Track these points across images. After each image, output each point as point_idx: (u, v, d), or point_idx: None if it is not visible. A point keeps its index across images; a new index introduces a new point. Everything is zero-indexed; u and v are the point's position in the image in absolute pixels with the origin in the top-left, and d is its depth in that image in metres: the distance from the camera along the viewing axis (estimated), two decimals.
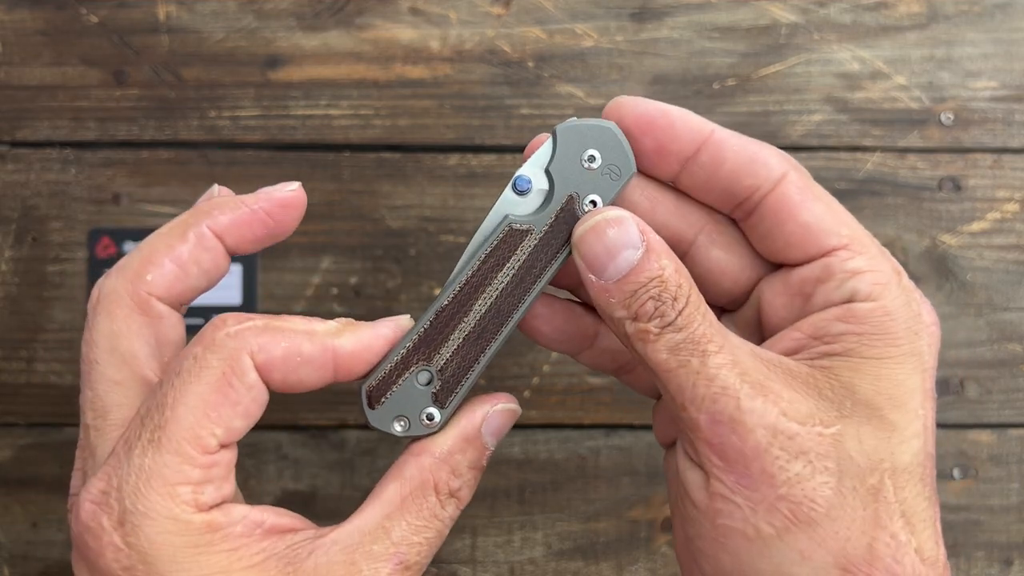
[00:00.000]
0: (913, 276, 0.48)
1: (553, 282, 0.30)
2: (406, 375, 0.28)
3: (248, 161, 0.48)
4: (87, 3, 0.48)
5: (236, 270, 0.48)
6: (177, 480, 0.25)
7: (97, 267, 0.48)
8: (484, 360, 0.29)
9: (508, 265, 0.29)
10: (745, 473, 0.25)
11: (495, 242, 0.28)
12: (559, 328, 0.31)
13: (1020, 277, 0.48)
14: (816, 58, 0.48)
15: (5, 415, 0.48)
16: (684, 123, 0.28)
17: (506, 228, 0.28)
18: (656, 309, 0.26)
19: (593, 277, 0.27)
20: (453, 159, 0.48)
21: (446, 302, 0.28)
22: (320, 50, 0.48)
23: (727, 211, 0.30)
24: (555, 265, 0.29)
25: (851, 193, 0.48)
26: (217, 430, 0.26)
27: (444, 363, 0.28)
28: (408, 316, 0.29)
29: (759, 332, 0.30)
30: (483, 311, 0.29)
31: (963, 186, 0.48)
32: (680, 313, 0.26)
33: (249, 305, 0.48)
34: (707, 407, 0.26)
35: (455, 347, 0.28)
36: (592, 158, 0.28)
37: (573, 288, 0.32)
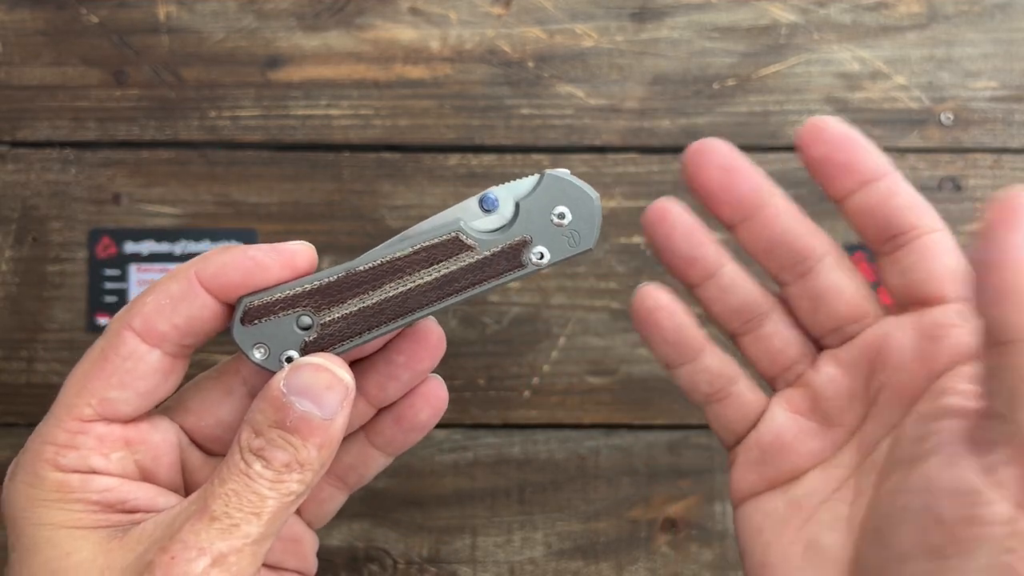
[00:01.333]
0: None
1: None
2: (290, 312, 0.28)
3: (248, 161, 0.48)
4: (87, 3, 0.48)
5: None
6: (45, 440, 0.27)
7: (97, 267, 0.48)
8: (367, 337, 0.28)
9: (435, 267, 0.28)
10: None
11: (436, 240, 0.28)
12: (672, 327, 0.31)
13: None
14: (816, 58, 0.48)
15: (5, 415, 0.48)
16: (876, 153, 0.30)
17: (453, 233, 0.28)
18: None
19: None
20: (453, 159, 0.48)
21: (362, 268, 0.28)
22: (320, 50, 0.48)
23: (876, 238, 0.30)
24: (475, 291, 0.29)
25: None
26: (92, 400, 0.27)
27: (329, 320, 0.28)
28: (304, 243, 0.29)
29: (868, 372, 0.30)
30: (390, 295, 0.28)
31: (963, 186, 0.48)
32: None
33: None
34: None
35: (347, 312, 0.28)
36: (562, 215, 0.28)
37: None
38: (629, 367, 0.48)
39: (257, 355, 0.28)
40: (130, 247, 0.48)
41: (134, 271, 0.48)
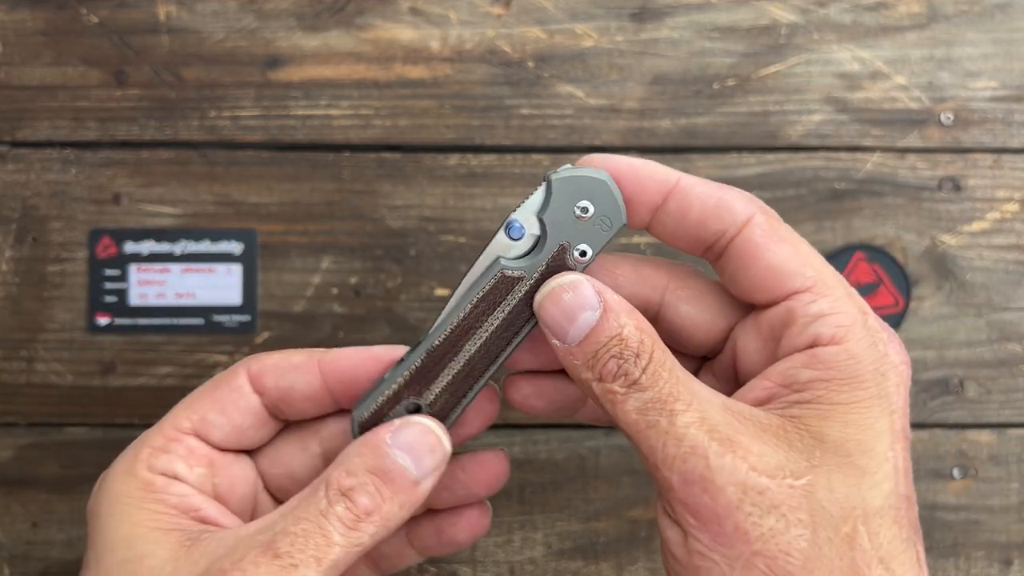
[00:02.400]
0: (913, 276, 0.48)
1: (541, 361, 0.31)
2: (396, 407, 0.30)
3: (248, 161, 0.48)
4: (87, 3, 0.48)
5: (236, 270, 0.48)
6: (144, 443, 0.30)
7: (97, 267, 0.48)
8: (471, 395, 0.30)
9: (499, 309, 0.29)
10: (719, 531, 0.25)
11: (487, 287, 0.29)
12: (551, 399, 0.32)
13: (1020, 277, 0.48)
14: (816, 58, 0.48)
15: (5, 415, 0.48)
16: (650, 174, 0.29)
17: (498, 274, 0.29)
18: (619, 368, 0.27)
19: (557, 342, 0.28)
20: (453, 159, 0.48)
21: (437, 343, 0.29)
22: (320, 50, 0.48)
23: (699, 255, 0.30)
24: None
25: (851, 193, 0.48)
26: (193, 416, 0.31)
27: (433, 398, 0.30)
28: (402, 347, 0.31)
29: (736, 379, 0.30)
30: (472, 352, 0.30)
31: (963, 186, 0.48)
32: (644, 371, 0.27)
33: (249, 305, 0.48)
34: (678, 467, 0.26)
35: (444, 384, 0.30)
36: (585, 209, 0.29)
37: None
38: None
39: None
40: (130, 247, 0.48)
41: (134, 271, 0.48)
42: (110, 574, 0.27)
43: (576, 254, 0.29)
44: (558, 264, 0.29)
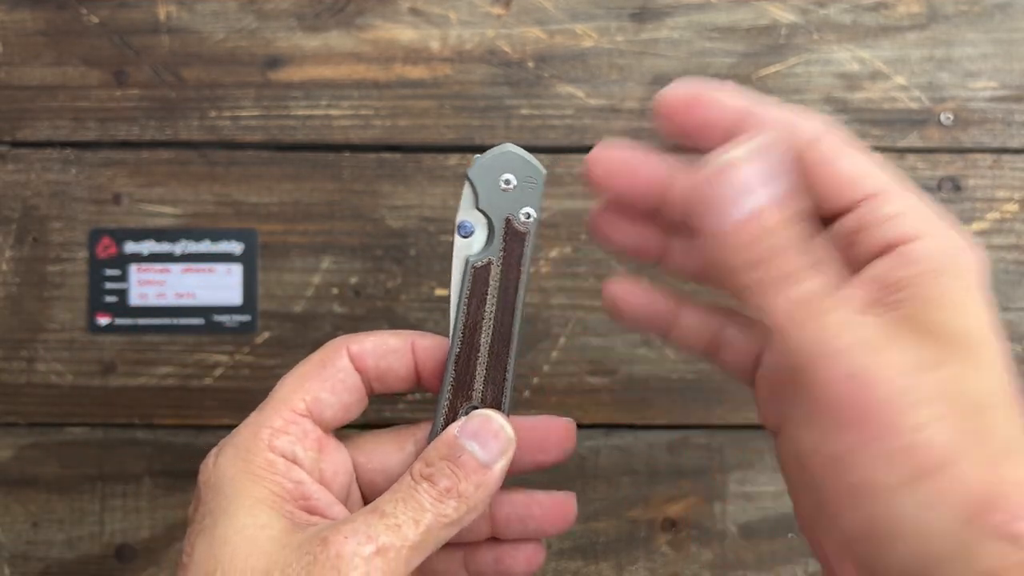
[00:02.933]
0: None
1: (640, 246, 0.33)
2: (458, 419, 0.33)
3: (248, 161, 0.48)
4: (87, 3, 0.48)
5: (236, 270, 0.48)
6: (262, 424, 0.32)
7: (98, 267, 0.48)
8: (509, 375, 0.33)
9: (488, 297, 0.33)
10: (869, 427, 0.25)
11: (468, 284, 0.33)
12: (643, 304, 0.33)
13: (1019, 277, 0.48)
14: (816, 58, 0.48)
15: (6, 415, 0.48)
16: (730, 98, 0.29)
17: (471, 270, 0.32)
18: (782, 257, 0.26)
19: (715, 221, 0.27)
20: (453, 159, 0.48)
21: (458, 350, 0.33)
22: (320, 50, 0.48)
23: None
24: (524, 274, 0.33)
25: None
26: (306, 396, 0.32)
27: (481, 395, 0.33)
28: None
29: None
30: (488, 341, 0.33)
31: (963, 186, 0.48)
32: (804, 263, 0.26)
33: (249, 305, 0.48)
34: (831, 364, 0.26)
35: (482, 379, 0.33)
36: (507, 181, 0.32)
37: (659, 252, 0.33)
38: (629, 367, 0.48)
39: None
40: (130, 247, 0.48)
41: (134, 271, 0.48)
42: (227, 540, 0.29)
43: (521, 218, 0.32)
44: (512, 234, 0.32)
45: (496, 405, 0.33)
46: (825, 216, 0.29)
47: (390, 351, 0.33)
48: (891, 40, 0.48)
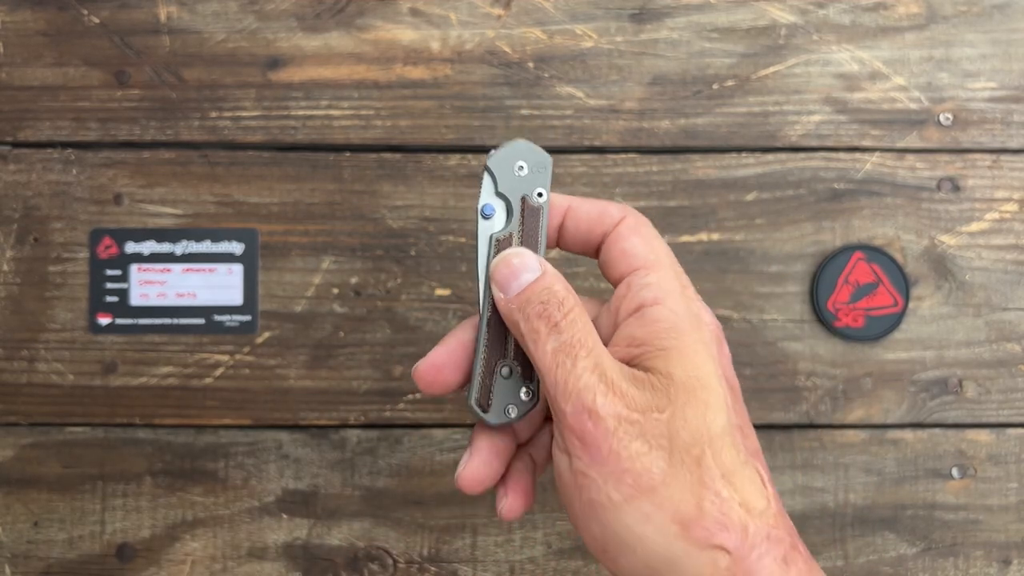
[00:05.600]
0: (912, 276, 0.48)
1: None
2: (495, 377, 0.35)
3: (249, 161, 0.48)
4: (88, 4, 0.49)
5: (237, 270, 0.48)
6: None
7: (98, 267, 0.48)
8: None
9: None
10: (597, 453, 0.32)
11: (494, 256, 0.36)
12: (529, 490, 0.37)
13: (1018, 277, 0.48)
14: (815, 59, 0.49)
15: (7, 415, 0.48)
16: (550, 205, 0.36)
17: (495, 243, 0.36)
18: (544, 311, 0.33)
19: (501, 295, 0.34)
20: (453, 159, 0.48)
21: (490, 313, 0.35)
22: (321, 51, 0.48)
23: (592, 257, 0.37)
24: (542, 244, 0.36)
25: (850, 193, 0.48)
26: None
27: (514, 352, 0.35)
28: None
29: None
30: None
31: (962, 186, 0.48)
32: (564, 317, 0.33)
33: (250, 305, 0.48)
34: (572, 399, 0.32)
35: (513, 340, 0.35)
36: (521, 167, 0.36)
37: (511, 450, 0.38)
38: None
39: (513, 414, 0.35)
40: (131, 247, 0.48)
41: (135, 271, 0.48)
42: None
43: (535, 196, 0.36)
44: (529, 211, 0.36)
45: (528, 361, 0.35)
46: (614, 283, 0.36)
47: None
48: (890, 41, 0.49)
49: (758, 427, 0.48)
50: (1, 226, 0.48)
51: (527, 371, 0.35)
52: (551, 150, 0.48)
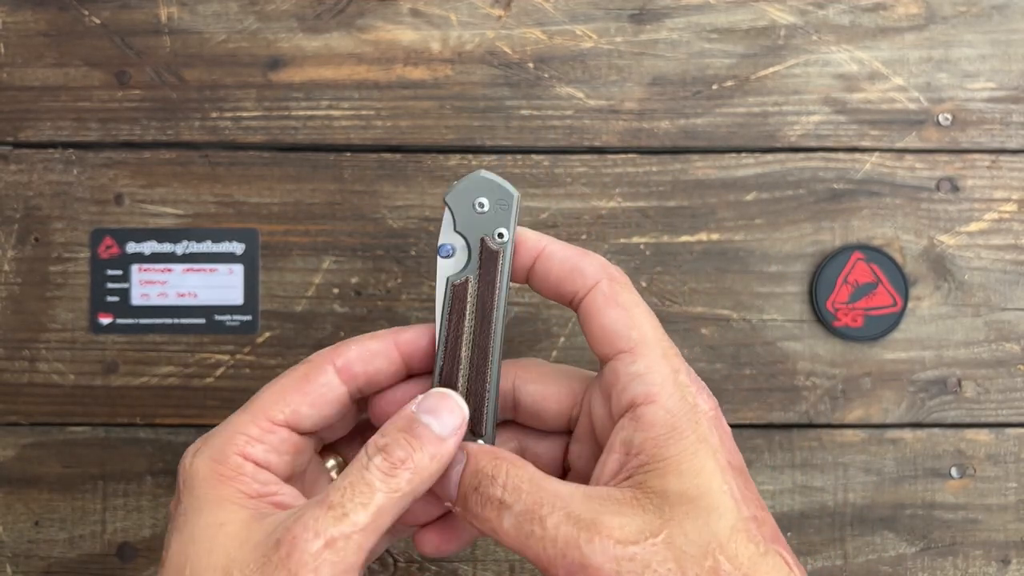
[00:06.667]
0: (911, 276, 0.48)
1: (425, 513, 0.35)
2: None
3: (250, 162, 0.48)
4: (89, 5, 0.49)
5: (238, 270, 0.48)
6: (238, 430, 0.33)
7: (99, 267, 0.48)
8: (490, 383, 0.34)
9: (468, 312, 0.34)
10: None
11: (449, 301, 0.34)
12: (459, 537, 0.36)
13: (1017, 277, 0.48)
14: (814, 59, 0.49)
15: (8, 414, 0.48)
16: (522, 242, 0.34)
17: (451, 287, 0.34)
18: (483, 495, 0.31)
19: (449, 504, 0.33)
20: (454, 160, 0.48)
21: (441, 363, 0.34)
22: (321, 51, 0.49)
23: (569, 307, 0.34)
24: (502, 295, 0.34)
25: (849, 194, 0.48)
26: (286, 408, 0.33)
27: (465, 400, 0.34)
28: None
29: (594, 438, 0.34)
30: (469, 354, 0.34)
31: (961, 187, 0.48)
32: (504, 488, 0.31)
33: (251, 305, 0.48)
34: (560, 563, 0.30)
35: (466, 390, 0.34)
36: (482, 204, 0.34)
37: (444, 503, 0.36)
38: None
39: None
40: (132, 247, 0.48)
41: (136, 271, 0.48)
42: (196, 534, 0.31)
43: (495, 238, 0.34)
44: (488, 253, 0.34)
45: (477, 415, 0.34)
46: (600, 360, 0.34)
47: (374, 355, 0.34)
48: (889, 41, 0.49)
49: (758, 427, 0.48)
50: (2, 226, 0.48)
51: (477, 424, 0.34)
52: (551, 150, 0.48)
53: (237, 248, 0.48)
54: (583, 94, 0.49)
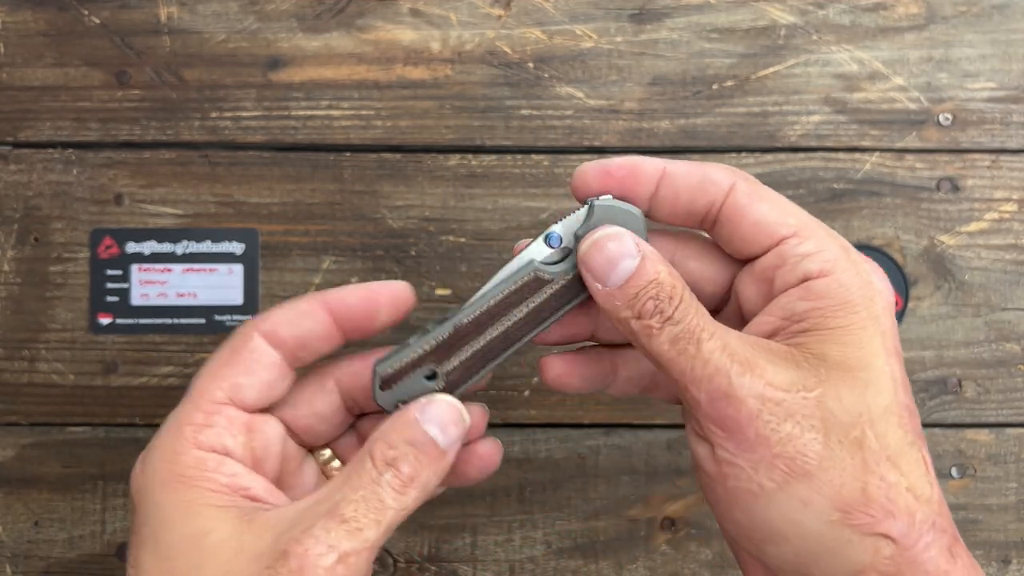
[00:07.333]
0: (911, 276, 0.48)
1: (569, 333, 0.34)
2: (417, 371, 0.33)
3: (249, 162, 0.48)
4: (89, 4, 0.49)
5: (238, 270, 0.48)
6: (183, 422, 0.31)
7: (99, 267, 0.48)
8: (483, 372, 0.33)
9: (525, 304, 0.33)
10: (743, 438, 0.29)
11: (519, 282, 0.33)
12: (583, 375, 0.35)
13: (1018, 277, 0.48)
14: (815, 59, 0.49)
15: (7, 415, 0.48)
16: (640, 168, 0.33)
17: (532, 274, 0.33)
18: (656, 307, 0.30)
19: (599, 285, 0.31)
20: (453, 160, 0.48)
21: (466, 321, 0.33)
22: (321, 51, 0.49)
23: (698, 228, 0.33)
24: (562, 312, 0.33)
25: (849, 194, 0.48)
26: (223, 384, 0.32)
27: (451, 369, 0.33)
28: (405, 283, 0.34)
29: (742, 324, 0.33)
30: (494, 336, 0.33)
31: (961, 187, 0.48)
32: (676, 308, 0.30)
33: (251, 305, 0.48)
34: (705, 386, 0.29)
35: (463, 359, 0.33)
36: None
37: (587, 336, 0.35)
38: None
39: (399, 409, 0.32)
40: (132, 247, 0.48)
41: (136, 271, 0.48)
42: (173, 549, 0.29)
43: None
44: (583, 278, 0.32)
45: (455, 386, 0.33)
46: (744, 259, 0.33)
47: (301, 316, 0.33)
48: (890, 41, 0.49)
49: None
50: (2, 226, 0.48)
51: (450, 387, 0.33)
52: (551, 150, 0.48)
53: (237, 248, 0.48)
54: (583, 94, 0.49)
